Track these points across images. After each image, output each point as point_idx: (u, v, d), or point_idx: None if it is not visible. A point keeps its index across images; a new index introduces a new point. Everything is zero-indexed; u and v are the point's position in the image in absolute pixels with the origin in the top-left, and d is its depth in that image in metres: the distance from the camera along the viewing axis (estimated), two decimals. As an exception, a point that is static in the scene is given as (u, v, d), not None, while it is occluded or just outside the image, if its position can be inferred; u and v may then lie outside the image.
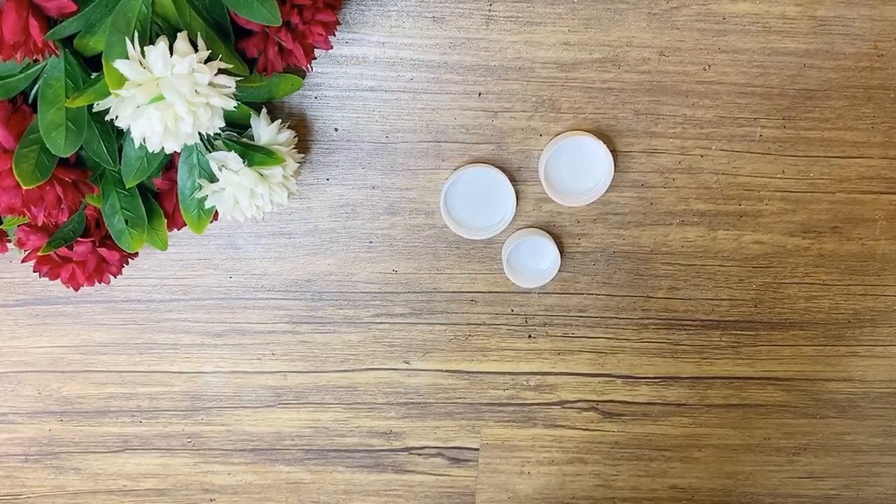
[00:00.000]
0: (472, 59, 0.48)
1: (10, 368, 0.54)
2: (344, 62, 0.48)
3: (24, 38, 0.35)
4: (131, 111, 0.36)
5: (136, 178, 0.42)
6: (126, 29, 0.36)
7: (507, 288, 0.53)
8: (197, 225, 0.45)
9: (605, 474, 0.57)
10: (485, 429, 0.55)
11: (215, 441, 0.56)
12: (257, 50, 0.42)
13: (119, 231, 0.45)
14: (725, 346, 0.55)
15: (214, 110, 0.38)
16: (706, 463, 0.57)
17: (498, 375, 0.55)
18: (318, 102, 0.49)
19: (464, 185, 0.50)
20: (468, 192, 0.51)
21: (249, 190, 0.43)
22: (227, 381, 0.55)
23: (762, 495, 0.58)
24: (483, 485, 0.56)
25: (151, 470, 0.56)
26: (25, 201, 0.40)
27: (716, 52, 0.49)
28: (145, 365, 0.54)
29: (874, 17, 0.48)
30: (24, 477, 0.56)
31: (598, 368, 0.55)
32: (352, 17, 0.48)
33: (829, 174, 0.51)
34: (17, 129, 0.39)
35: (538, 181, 0.50)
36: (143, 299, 0.53)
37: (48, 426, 0.55)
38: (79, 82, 0.39)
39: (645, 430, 0.56)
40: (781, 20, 0.48)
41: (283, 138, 0.45)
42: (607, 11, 0.48)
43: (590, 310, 0.54)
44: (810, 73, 0.49)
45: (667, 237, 0.52)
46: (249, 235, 0.52)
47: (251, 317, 0.53)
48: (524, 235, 0.51)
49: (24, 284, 0.53)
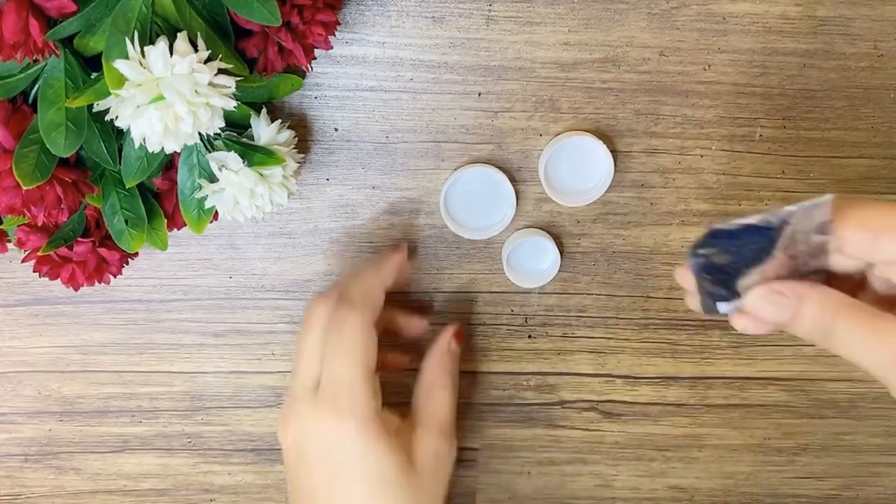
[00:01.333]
0: (472, 59, 0.48)
1: (10, 368, 0.54)
2: (344, 62, 0.48)
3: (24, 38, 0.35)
4: (131, 111, 0.36)
5: (136, 178, 0.42)
6: (126, 29, 0.36)
7: (507, 288, 0.53)
8: (197, 225, 0.45)
9: (605, 474, 0.57)
10: (485, 429, 0.56)
11: (215, 441, 0.56)
12: (257, 50, 0.42)
13: (119, 231, 0.45)
14: (725, 346, 0.55)
15: (214, 110, 0.38)
16: (706, 463, 0.57)
17: (498, 375, 0.55)
18: (318, 102, 0.49)
19: (464, 185, 0.50)
20: (468, 192, 0.51)
21: (249, 190, 0.43)
22: (227, 381, 0.55)
23: (762, 495, 0.58)
24: (483, 485, 0.56)
25: (151, 470, 0.56)
26: (25, 201, 0.40)
27: (716, 52, 0.49)
28: (145, 365, 0.54)
29: (874, 17, 0.48)
30: (24, 477, 0.56)
31: (598, 368, 0.55)
32: (352, 17, 0.48)
33: (829, 174, 0.51)
34: (17, 129, 0.39)
35: (538, 181, 0.50)
36: (143, 299, 0.53)
37: (48, 426, 0.55)
38: (79, 82, 0.39)
39: (645, 430, 0.56)
40: (781, 20, 0.48)
41: (283, 138, 0.45)
42: (607, 11, 0.48)
43: (590, 310, 0.54)
44: (810, 73, 0.49)
45: (667, 237, 0.52)
46: (249, 235, 0.52)
47: (251, 317, 0.53)
48: (524, 235, 0.51)
49: (24, 284, 0.53)
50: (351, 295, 0.44)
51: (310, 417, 0.42)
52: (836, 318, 0.34)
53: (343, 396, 0.42)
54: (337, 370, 0.42)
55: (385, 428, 0.42)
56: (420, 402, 0.47)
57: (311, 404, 0.43)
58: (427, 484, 0.43)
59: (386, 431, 0.42)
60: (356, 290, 0.44)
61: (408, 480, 0.42)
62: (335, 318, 0.43)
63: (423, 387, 0.48)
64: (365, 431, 0.42)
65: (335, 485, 0.42)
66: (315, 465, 0.42)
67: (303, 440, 0.43)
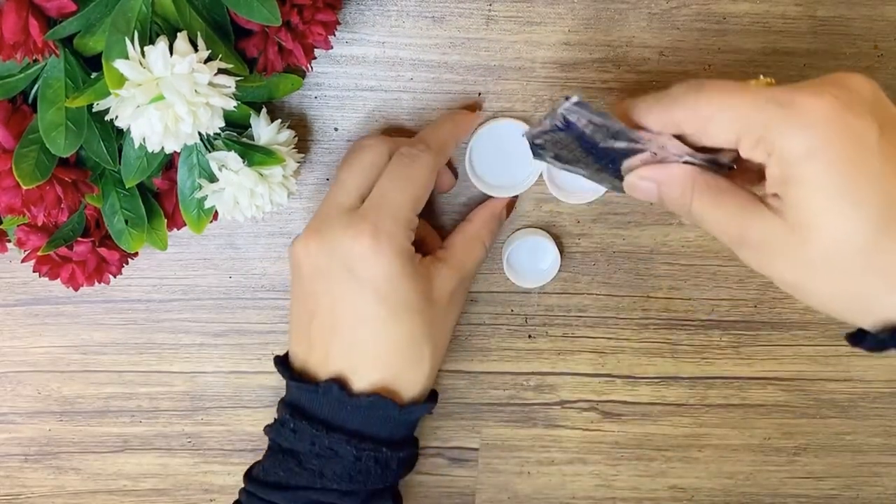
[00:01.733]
0: (472, 59, 0.48)
1: (10, 368, 0.54)
2: (344, 62, 0.48)
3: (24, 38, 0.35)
4: (131, 111, 0.36)
5: (135, 177, 0.42)
6: (126, 29, 0.36)
7: (507, 288, 0.53)
8: (197, 225, 0.45)
9: (605, 474, 0.57)
10: (485, 429, 0.56)
11: (215, 441, 0.56)
12: (257, 50, 0.42)
13: (119, 231, 0.45)
14: (725, 346, 0.55)
15: (214, 110, 0.38)
16: (706, 463, 0.57)
17: (498, 375, 0.55)
18: (318, 102, 0.49)
19: (487, 141, 0.49)
20: (493, 148, 0.49)
21: (249, 190, 0.43)
22: (227, 381, 0.55)
23: (762, 495, 0.58)
24: (483, 485, 0.56)
25: (151, 470, 0.56)
26: (25, 201, 0.40)
27: (716, 52, 0.49)
28: (145, 365, 0.54)
29: (874, 17, 0.48)
30: (24, 477, 0.56)
31: (598, 368, 0.55)
32: (352, 17, 0.48)
33: (829, 174, 0.51)
34: (16, 129, 0.39)
35: (539, 180, 0.50)
36: (143, 299, 0.53)
37: (48, 426, 0.55)
38: (79, 82, 0.39)
39: (645, 430, 0.56)
40: (781, 20, 0.48)
41: (282, 138, 0.45)
42: (607, 11, 0.48)
43: (590, 310, 0.54)
44: (810, 73, 0.49)
45: (667, 237, 0.52)
46: (249, 235, 0.52)
47: (251, 317, 0.53)
48: (524, 235, 0.51)
49: (23, 284, 0.53)
50: (428, 139, 0.46)
51: (346, 232, 0.43)
52: (692, 198, 0.38)
53: (387, 218, 0.43)
54: (390, 193, 0.43)
55: (414, 258, 0.44)
56: (456, 246, 0.48)
57: (347, 219, 0.43)
58: (440, 317, 0.45)
59: (413, 261, 0.44)
60: (433, 137, 0.46)
61: (427, 309, 0.44)
62: (407, 153, 0.44)
63: (465, 234, 0.49)
64: (398, 256, 0.42)
65: (357, 302, 0.43)
66: (337, 279, 0.43)
67: (329, 253, 0.43)
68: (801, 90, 0.34)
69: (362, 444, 0.43)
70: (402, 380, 0.44)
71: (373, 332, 0.43)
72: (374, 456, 0.44)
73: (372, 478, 0.44)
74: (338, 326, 0.44)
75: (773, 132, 0.34)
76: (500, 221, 0.50)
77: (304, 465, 0.44)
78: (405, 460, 0.46)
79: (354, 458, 0.43)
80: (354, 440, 0.43)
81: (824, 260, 0.34)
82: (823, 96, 0.34)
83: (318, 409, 0.44)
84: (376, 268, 0.42)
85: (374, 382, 0.44)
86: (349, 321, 0.43)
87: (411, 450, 0.47)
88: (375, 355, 0.44)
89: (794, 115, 0.34)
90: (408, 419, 0.45)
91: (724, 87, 0.36)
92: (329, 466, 0.44)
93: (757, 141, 0.35)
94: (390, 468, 0.45)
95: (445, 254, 0.47)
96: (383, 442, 0.44)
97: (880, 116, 0.34)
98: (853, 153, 0.33)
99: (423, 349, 0.44)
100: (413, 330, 0.44)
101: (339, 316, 0.44)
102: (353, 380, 0.44)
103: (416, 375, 0.45)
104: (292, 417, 0.44)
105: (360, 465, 0.44)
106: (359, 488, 0.44)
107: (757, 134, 0.34)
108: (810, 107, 0.34)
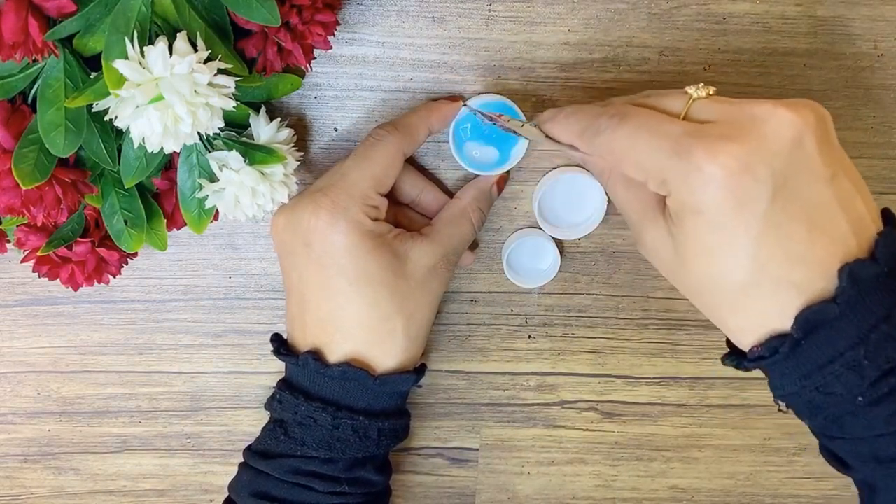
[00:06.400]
0: (472, 59, 0.48)
1: (10, 369, 0.54)
2: (344, 62, 0.48)
3: (24, 38, 0.35)
4: (131, 111, 0.36)
5: (135, 178, 0.42)
6: (126, 29, 0.36)
7: (507, 288, 0.53)
8: (197, 225, 0.45)
9: (605, 474, 0.57)
10: (485, 429, 0.55)
11: (215, 441, 0.56)
12: (257, 50, 0.42)
13: (118, 231, 0.45)
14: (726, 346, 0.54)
15: (214, 110, 0.37)
16: (706, 463, 0.57)
17: (498, 375, 0.55)
18: (317, 102, 0.49)
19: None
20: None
21: (251, 189, 0.43)
22: (227, 381, 0.55)
23: (762, 495, 0.58)
24: (483, 485, 0.56)
25: (151, 470, 0.56)
26: (25, 201, 0.40)
27: (716, 52, 0.49)
28: (145, 365, 0.54)
29: (874, 17, 0.48)
30: (24, 477, 0.56)
31: (598, 368, 0.55)
32: (351, 17, 0.48)
33: (829, 174, 0.51)
34: (16, 129, 0.39)
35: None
36: (143, 299, 0.53)
37: (47, 426, 0.55)
38: (78, 82, 0.39)
39: (645, 430, 0.56)
40: (781, 20, 0.48)
41: (282, 136, 0.45)
42: (607, 11, 0.48)
43: (590, 310, 0.54)
44: (810, 73, 0.49)
45: (667, 237, 0.52)
46: (249, 235, 0.52)
47: (251, 317, 0.53)
48: (524, 235, 0.51)
49: (23, 284, 0.53)
50: (397, 121, 0.46)
51: (306, 208, 0.44)
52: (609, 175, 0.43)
53: (342, 193, 0.44)
54: (350, 171, 0.44)
55: (376, 232, 0.44)
56: (441, 221, 0.48)
57: (310, 197, 0.44)
58: (416, 292, 0.45)
59: (375, 235, 0.44)
60: (403, 120, 0.47)
61: (395, 282, 0.44)
62: (373, 134, 0.46)
63: (451, 209, 0.49)
64: (354, 229, 0.43)
65: (320, 276, 0.44)
66: (300, 254, 0.44)
67: (293, 230, 0.44)
68: (704, 140, 0.36)
69: (339, 413, 0.45)
70: (374, 351, 0.45)
71: (337, 304, 0.44)
72: (352, 424, 0.45)
73: (351, 446, 0.45)
74: (307, 301, 0.45)
75: (671, 183, 0.37)
76: (491, 198, 0.50)
77: (289, 434, 0.45)
78: (387, 431, 0.46)
79: (332, 426, 0.45)
80: (331, 408, 0.45)
81: (696, 289, 0.40)
82: (718, 157, 0.35)
83: (300, 381, 0.46)
84: (332, 241, 0.43)
85: (347, 353, 0.45)
86: (315, 295, 0.45)
87: (395, 421, 0.47)
88: (343, 327, 0.44)
89: (691, 171, 0.36)
90: (386, 390, 0.46)
91: (639, 126, 0.38)
92: (309, 434, 0.45)
93: (660, 183, 0.38)
94: (370, 437, 0.46)
95: (429, 229, 0.47)
96: (360, 411, 0.45)
97: (789, 170, 0.36)
98: (733, 219, 0.36)
99: (393, 321, 0.45)
100: (378, 302, 0.44)
101: (305, 291, 0.45)
102: (326, 352, 0.45)
103: (390, 347, 0.45)
104: (280, 389, 0.46)
105: (337, 433, 0.45)
106: (338, 456, 0.45)
107: (659, 178, 0.38)
108: (705, 167, 0.36)
